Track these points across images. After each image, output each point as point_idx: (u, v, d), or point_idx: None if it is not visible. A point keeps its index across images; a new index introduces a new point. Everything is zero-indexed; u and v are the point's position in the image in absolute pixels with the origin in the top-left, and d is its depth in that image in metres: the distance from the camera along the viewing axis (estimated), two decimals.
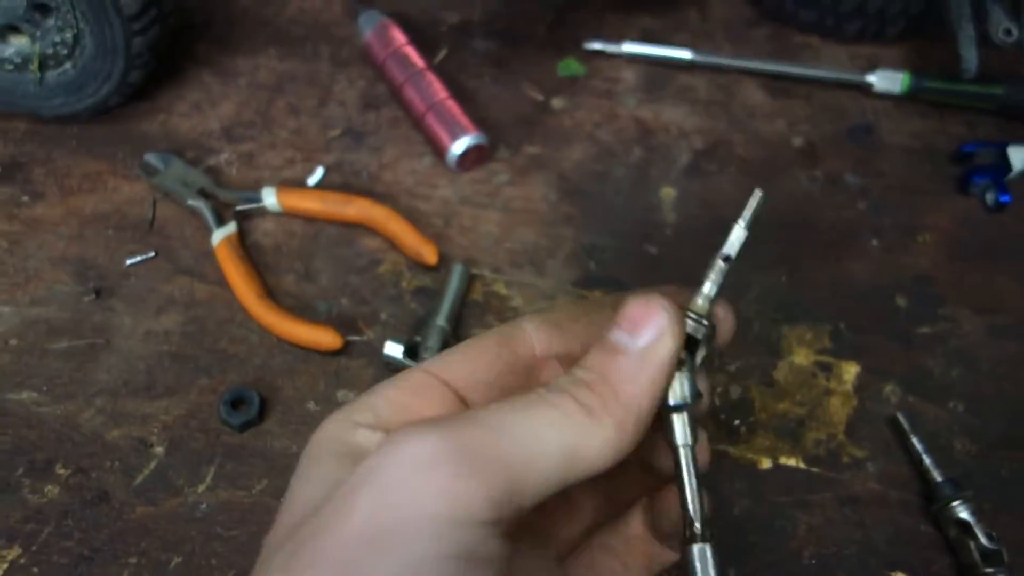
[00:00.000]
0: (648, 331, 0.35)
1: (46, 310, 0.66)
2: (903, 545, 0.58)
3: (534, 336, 0.41)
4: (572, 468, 0.33)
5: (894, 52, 0.83)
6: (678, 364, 0.36)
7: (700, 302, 0.38)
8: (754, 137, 0.78)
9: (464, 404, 0.39)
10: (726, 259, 0.38)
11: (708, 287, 0.38)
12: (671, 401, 0.36)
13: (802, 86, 0.81)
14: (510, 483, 0.31)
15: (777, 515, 0.59)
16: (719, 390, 0.64)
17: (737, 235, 0.38)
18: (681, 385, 0.36)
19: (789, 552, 0.57)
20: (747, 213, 0.39)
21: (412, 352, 0.63)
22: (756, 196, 0.39)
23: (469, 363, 0.40)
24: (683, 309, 0.37)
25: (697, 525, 0.36)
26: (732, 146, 0.77)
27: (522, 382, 0.41)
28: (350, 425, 0.37)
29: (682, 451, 0.36)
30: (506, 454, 0.32)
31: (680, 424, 0.36)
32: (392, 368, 0.64)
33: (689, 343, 0.37)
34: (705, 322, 0.37)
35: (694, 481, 0.36)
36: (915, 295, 0.68)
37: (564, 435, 0.33)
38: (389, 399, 0.38)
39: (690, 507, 0.36)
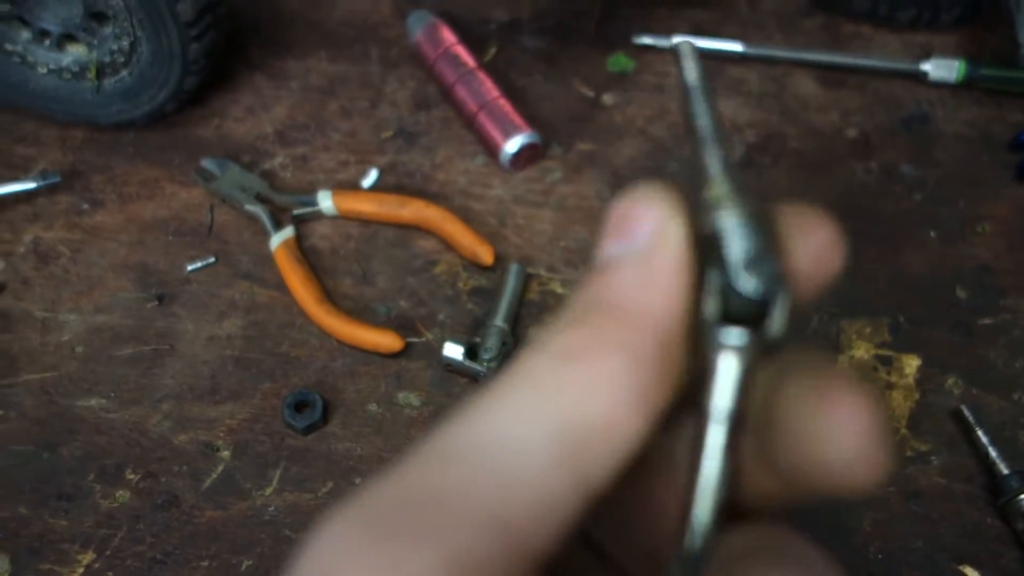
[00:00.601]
0: (644, 225, 0.23)
1: (110, 317, 0.68)
2: (970, 539, 0.57)
3: None
4: (580, 456, 0.21)
5: (949, 39, 0.82)
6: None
7: (715, 189, 0.24)
8: (807, 129, 0.77)
9: None
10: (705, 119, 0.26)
11: (713, 163, 0.25)
12: (709, 323, 0.23)
13: (855, 76, 0.80)
14: (486, 527, 0.20)
15: (842, 510, 0.58)
16: None
17: (696, 88, 0.27)
18: (716, 297, 0.23)
19: (855, 548, 0.57)
20: (688, 68, 0.27)
21: (472, 353, 0.64)
22: (683, 49, 0.28)
23: None
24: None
25: (698, 543, 0.23)
26: (785, 139, 0.77)
27: None
28: None
29: (713, 416, 0.22)
30: (463, 487, 0.21)
31: (726, 369, 0.22)
32: (452, 369, 0.64)
33: (710, 247, 0.23)
34: (731, 200, 0.24)
35: (721, 471, 0.22)
36: (975, 286, 0.68)
37: (551, 411, 0.21)
38: None
39: (696, 511, 0.23)
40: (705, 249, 0.24)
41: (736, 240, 0.23)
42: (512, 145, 0.73)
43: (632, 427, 0.22)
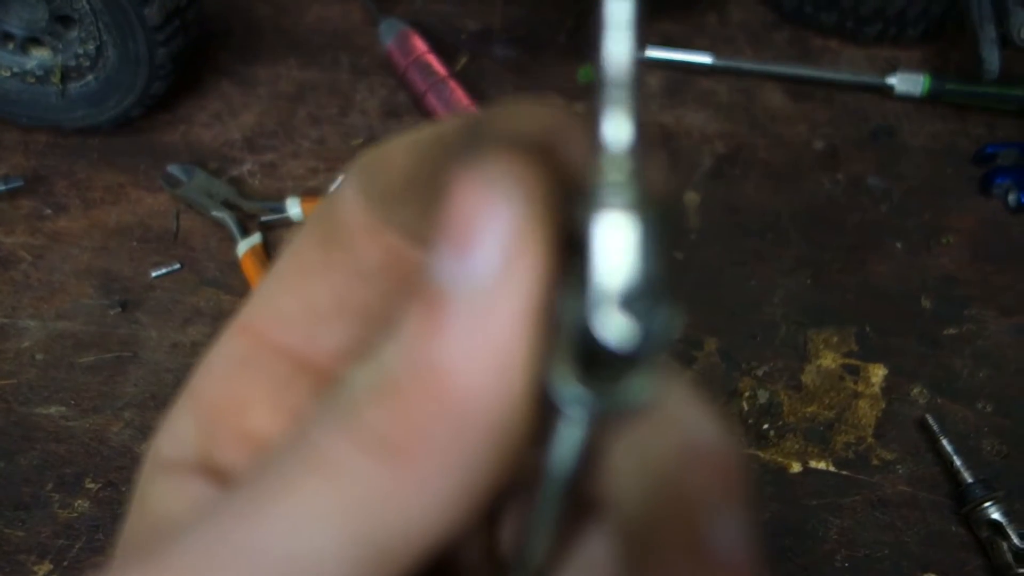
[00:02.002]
0: (487, 248, 0.17)
1: (72, 324, 0.67)
2: (935, 547, 0.58)
3: (362, 216, 0.23)
4: (385, 565, 0.18)
5: (914, 54, 0.83)
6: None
7: (615, 163, 0.16)
8: (776, 141, 0.78)
9: (306, 367, 0.25)
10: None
11: (616, 126, 0.16)
12: (555, 386, 0.17)
13: (823, 89, 0.81)
14: None
15: (808, 519, 0.59)
16: (747, 395, 0.64)
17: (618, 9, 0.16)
18: (569, 346, 0.17)
19: (821, 555, 0.57)
20: None
21: None
22: None
23: (294, 292, 0.25)
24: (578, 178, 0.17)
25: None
26: (754, 150, 0.77)
27: (382, 289, 0.24)
28: (153, 466, 0.25)
29: (551, 473, 0.19)
30: None
31: (567, 434, 0.18)
32: None
33: (580, 258, 0.17)
34: (624, 193, 0.16)
35: (545, 522, 0.21)
36: (940, 297, 0.68)
37: (348, 518, 0.18)
38: (201, 401, 0.25)
39: (525, 559, 0.22)
40: (575, 259, 0.17)
41: (608, 264, 0.16)
42: None
43: (449, 530, 0.18)
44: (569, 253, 0.17)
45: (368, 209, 0.23)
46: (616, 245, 0.16)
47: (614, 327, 0.16)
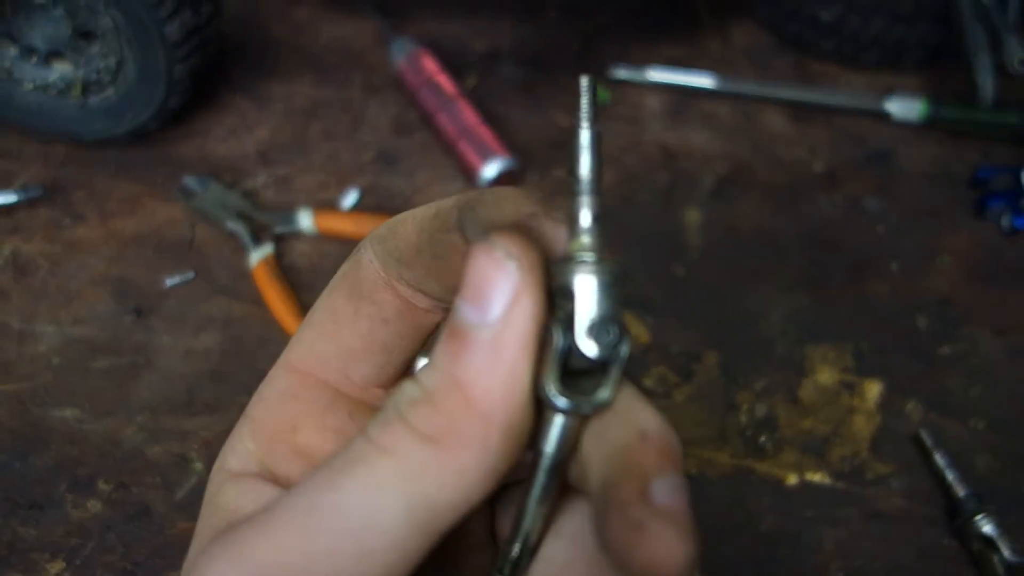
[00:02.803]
0: (497, 297, 0.25)
1: (88, 329, 0.68)
2: (928, 559, 0.59)
3: (381, 274, 0.32)
4: (431, 524, 0.25)
5: (912, 80, 0.85)
6: (560, 331, 0.26)
7: (583, 238, 0.27)
8: (776, 163, 0.80)
9: (343, 396, 0.33)
10: (585, 176, 0.27)
11: (584, 215, 0.27)
12: (545, 391, 0.26)
13: (822, 113, 0.83)
14: None
15: (804, 530, 0.60)
16: (745, 408, 0.65)
17: (584, 138, 0.28)
18: (555, 364, 0.26)
19: (816, 567, 0.58)
20: (584, 107, 0.28)
21: None
22: (583, 83, 0.29)
23: (329, 337, 0.32)
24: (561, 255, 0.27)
25: (515, 551, 0.29)
26: (754, 171, 0.79)
27: (399, 330, 0.32)
28: (221, 477, 0.32)
29: (543, 459, 0.27)
30: (330, 557, 0.24)
31: (554, 427, 0.27)
32: None
33: (563, 299, 0.26)
34: (589, 257, 0.26)
35: (539, 499, 0.28)
36: (935, 316, 0.70)
37: (405, 488, 0.25)
38: (258, 424, 0.32)
39: (520, 536, 0.29)
40: (559, 299, 0.26)
41: (585, 302, 0.26)
42: (490, 170, 0.75)
43: (477, 498, 0.25)
44: (551, 299, 0.26)
45: (384, 270, 0.31)
46: (587, 294, 0.26)
47: (587, 346, 0.26)
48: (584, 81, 0.28)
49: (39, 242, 0.72)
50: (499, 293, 0.25)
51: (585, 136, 0.28)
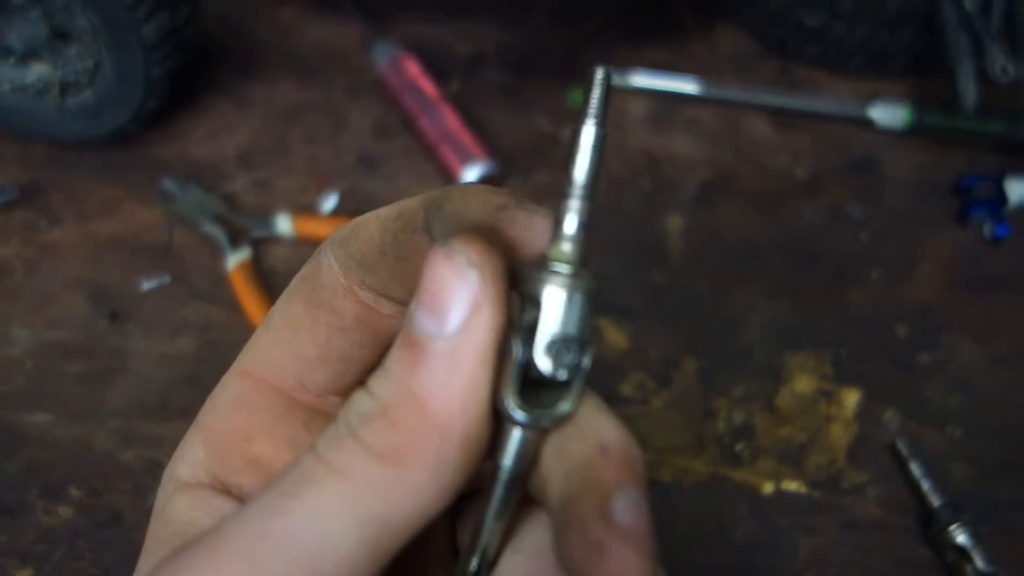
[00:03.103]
0: (455, 309, 0.24)
1: (62, 333, 0.68)
2: (902, 568, 0.59)
3: (341, 280, 0.30)
4: (385, 543, 0.24)
5: (896, 87, 0.85)
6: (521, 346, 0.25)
7: (563, 246, 0.26)
8: (759, 169, 0.79)
9: (298, 404, 0.32)
10: (583, 180, 0.26)
11: (569, 221, 0.26)
12: (504, 404, 0.25)
13: (806, 120, 0.82)
14: None
15: (779, 538, 0.60)
16: (723, 415, 0.65)
17: (589, 134, 0.26)
18: (514, 377, 0.25)
19: (792, 575, 0.58)
20: (594, 102, 0.26)
21: None
22: (597, 75, 0.26)
23: (285, 344, 0.31)
24: (537, 261, 0.26)
25: (473, 565, 0.28)
26: (737, 178, 0.79)
27: (358, 339, 0.31)
28: (171, 487, 0.31)
29: (501, 472, 0.27)
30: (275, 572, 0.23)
31: (513, 440, 0.26)
32: None
33: (532, 306, 0.25)
34: (564, 269, 0.25)
35: (497, 513, 0.27)
36: (915, 324, 0.70)
37: (357, 510, 0.24)
38: (210, 433, 0.31)
39: (478, 550, 0.28)
40: (527, 304, 0.25)
41: (550, 317, 0.25)
42: (471, 174, 0.75)
43: (432, 514, 0.25)
44: (521, 301, 0.25)
45: (345, 275, 0.30)
46: (553, 308, 0.25)
47: (544, 363, 0.25)
48: (599, 73, 0.26)
49: (15, 244, 0.72)
50: (458, 303, 0.24)
51: (589, 134, 0.26)
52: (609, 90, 0.26)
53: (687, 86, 0.83)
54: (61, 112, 0.75)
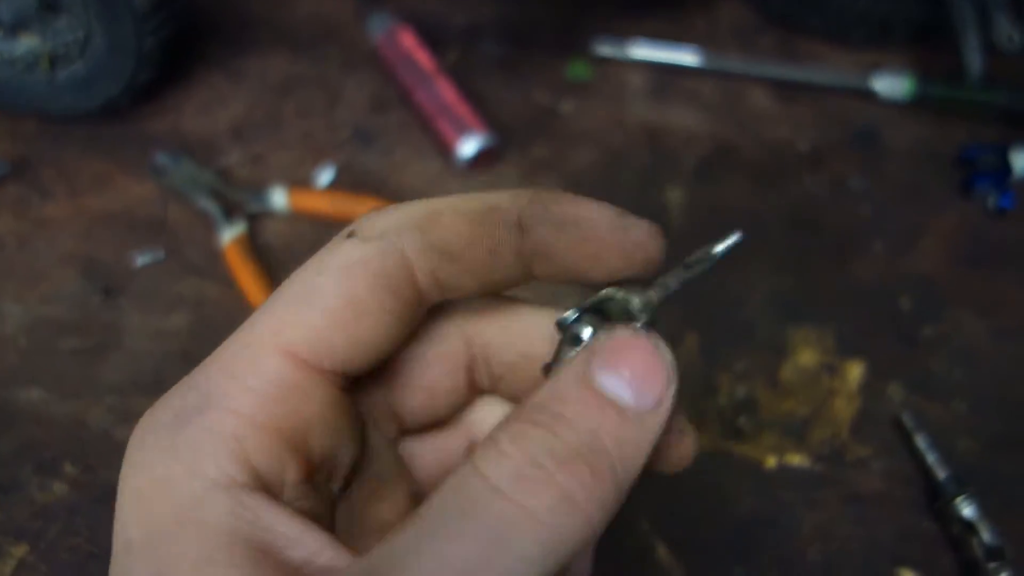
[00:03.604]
0: (657, 393, 0.28)
1: (55, 309, 0.67)
2: (908, 542, 0.58)
3: (416, 265, 0.30)
4: (554, 572, 0.25)
5: (899, 58, 0.84)
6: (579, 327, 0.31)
7: (654, 294, 0.33)
8: (760, 142, 0.78)
9: (340, 392, 0.31)
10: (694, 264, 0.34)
11: (672, 282, 0.34)
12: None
13: (808, 92, 0.81)
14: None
15: (782, 513, 0.59)
16: (725, 390, 0.64)
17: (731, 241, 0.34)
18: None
19: (795, 549, 0.58)
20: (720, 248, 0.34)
21: None
22: (734, 237, 0.34)
23: (343, 329, 0.29)
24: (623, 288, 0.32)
25: None
26: (739, 151, 0.78)
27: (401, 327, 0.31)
28: (196, 485, 0.27)
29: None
30: None
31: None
32: None
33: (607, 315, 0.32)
34: (643, 315, 0.32)
35: None
36: (918, 297, 0.69)
37: (547, 544, 0.24)
38: (249, 422, 0.28)
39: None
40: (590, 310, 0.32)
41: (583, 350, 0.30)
42: (468, 148, 0.74)
43: (593, 540, 0.27)
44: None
45: (420, 262, 0.30)
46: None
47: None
48: (737, 238, 0.35)
49: (6, 220, 0.71)
50: (660, 386, 0.28)
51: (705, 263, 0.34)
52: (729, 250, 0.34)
53: (687, 57, 0.82)
54: (51, 85, 0.73)
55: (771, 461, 0.61)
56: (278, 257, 0.70)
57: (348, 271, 0.30)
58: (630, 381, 0.28)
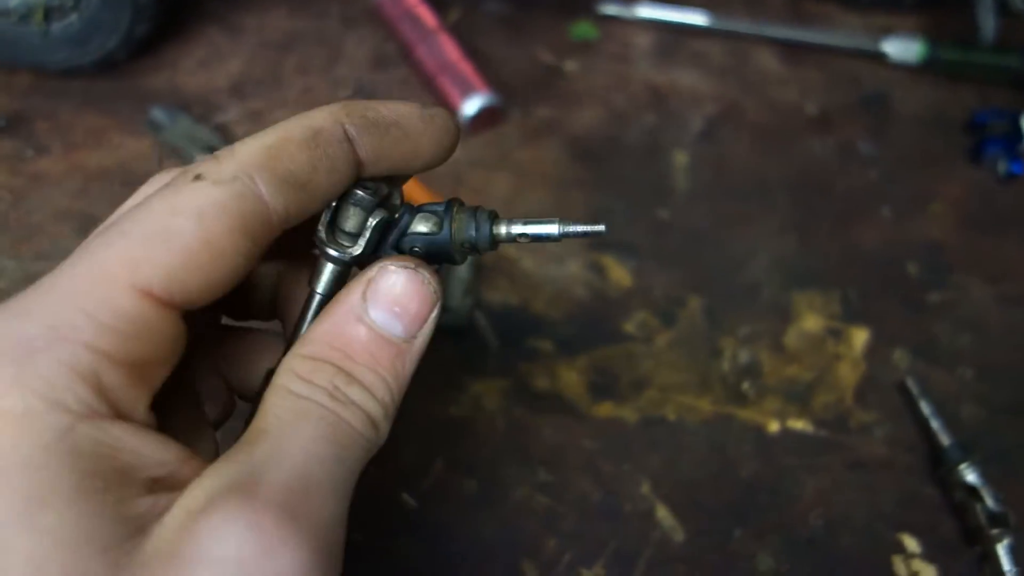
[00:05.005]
0: (424, 318, 0.33)
1: (49, 265, 0.65)
2: (909, 508, 0.58)
3: (271, 203, 0.31)
4: (351, 468, 0.31)
5: (910, 21, 0.82)
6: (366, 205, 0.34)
7: (386, 188, 0.36)
8: (767, 104, 0.77)
9: (185, 326, 0.31)
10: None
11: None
12: (333, 251, 0.35)
13: (816, 54, 0.80)
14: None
15: (785, 477, 0.59)
16: (728, 354, 0.63)
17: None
18: (355, 234, 0.35)
19: (797, 514, 0.57)
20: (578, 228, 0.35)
21: None
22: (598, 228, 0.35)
23: (200, 270, 0.30)
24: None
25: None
26: (745, 113, 0.76)
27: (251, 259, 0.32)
28: (54, 416, 0.27)
29: (317, 297, 0.36)
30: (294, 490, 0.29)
31: (328, 274, 0.35)
32: None
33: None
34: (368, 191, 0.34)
35: (309, 323, 0.36)
36: (925, 263, 0.68)
37: (345, 452, 0.31)
38: (109, 359, 0.29)
39: (290, 345, 0.35)
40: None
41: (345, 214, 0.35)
42: (471, 107, 0.72)
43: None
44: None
45: (272, 198, 0.32)
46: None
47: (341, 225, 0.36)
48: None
49: (1, 175, 0.70)
50: (427, 312, 0.33)
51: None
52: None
53: (695, 17, 0.80)
54: (46, 38, 0.72)
55: (774, 426, 0.60)
56: None
57: (205, 214, 0.30)
58: (400, 316, 0.33)
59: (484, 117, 0.73)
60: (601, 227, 0.35)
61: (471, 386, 0.62)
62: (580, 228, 0.35)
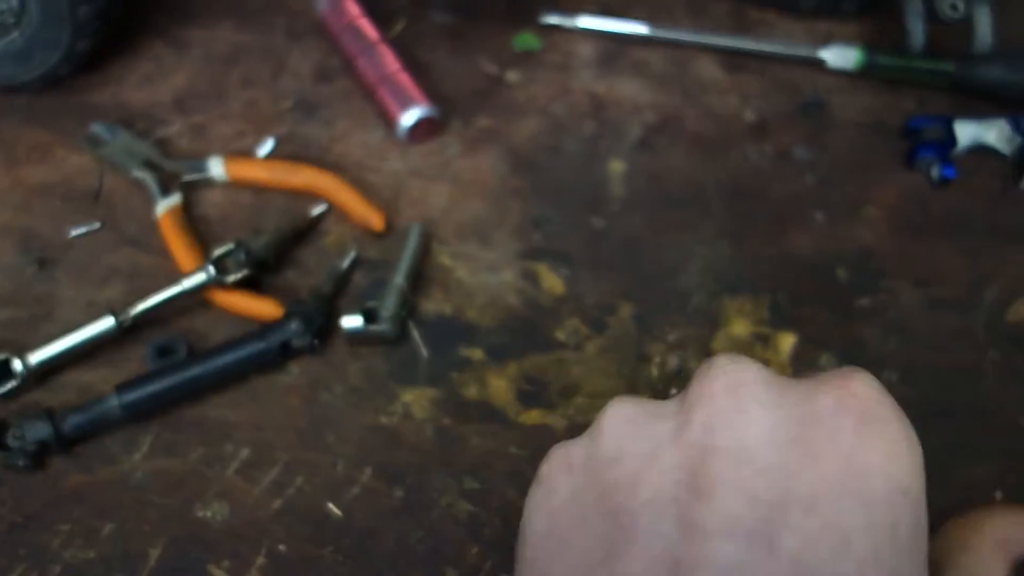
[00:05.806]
0: None
1: None
2: None
3: None
4: None
5: (851, 28, 0.83)
6: None
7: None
8: (706, 112, 0.78)
9: None
10: None
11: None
12: None
13: (757, 61, 0.81)
14: None
15: None
16: (657, 360, 0.64)
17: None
18: None
19: None
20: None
21: (371, 317, 0.63)
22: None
23: None
24: None
25: None
26: (684, 121, 0.77)
27: None
28: None
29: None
30: None
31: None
32: (357, 340, 0.64)
33: None
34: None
35: None
36: (856, 268, 0.69)
37: None
38: None
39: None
40: None
41: None
42: (409, 118, 0.73)
43: None
44: None
45: None
46: None
47: None
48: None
49: None
50: None
51: None
52: None
53: (637, 28, 0.81)
54: None
55: None
56: (215, 228, 0.70)
57: None
58: None
59: (423, 128, 0.74)
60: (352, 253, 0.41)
61: (402, 395, 0.63)
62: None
